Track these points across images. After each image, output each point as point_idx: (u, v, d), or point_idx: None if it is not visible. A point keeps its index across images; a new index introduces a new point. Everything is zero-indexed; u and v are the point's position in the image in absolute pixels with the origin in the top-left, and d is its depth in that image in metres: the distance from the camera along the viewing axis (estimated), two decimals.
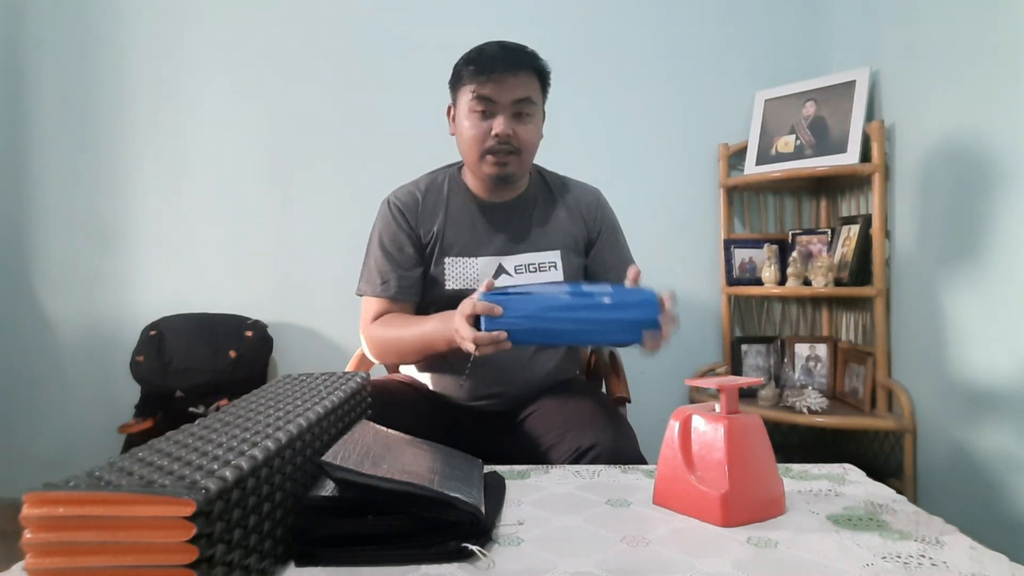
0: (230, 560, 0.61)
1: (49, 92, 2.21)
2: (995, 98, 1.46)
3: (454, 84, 1.31)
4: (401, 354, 1.33)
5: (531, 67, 1.26)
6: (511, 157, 1.26)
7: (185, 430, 0.76)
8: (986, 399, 1.49)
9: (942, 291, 1.63)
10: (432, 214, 1.35)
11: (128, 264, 2.22)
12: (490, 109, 1.24)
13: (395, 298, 1.32)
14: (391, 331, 1.29)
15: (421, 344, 1.24)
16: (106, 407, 2.16)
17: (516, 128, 1.25)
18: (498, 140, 1.24)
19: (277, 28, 2.21)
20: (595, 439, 1.13)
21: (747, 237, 2.17)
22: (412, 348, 1.27)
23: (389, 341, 1.29)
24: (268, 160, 2.22)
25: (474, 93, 1.24)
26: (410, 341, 1.26)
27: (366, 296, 1.35)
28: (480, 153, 1.26)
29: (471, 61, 1.25)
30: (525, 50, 1.28)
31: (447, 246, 1.33)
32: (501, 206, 1.35)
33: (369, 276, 1.35)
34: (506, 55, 1.24)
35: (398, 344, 1.28)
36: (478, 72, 1.23)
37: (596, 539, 0.77)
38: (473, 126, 1.25)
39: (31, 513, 0.57)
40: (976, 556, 0.71)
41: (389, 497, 0.72)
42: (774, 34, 2.19)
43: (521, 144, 1.26)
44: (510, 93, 1.23)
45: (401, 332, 1.28)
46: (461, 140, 1.30)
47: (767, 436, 0.86)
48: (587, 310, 1.00)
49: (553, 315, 1.00)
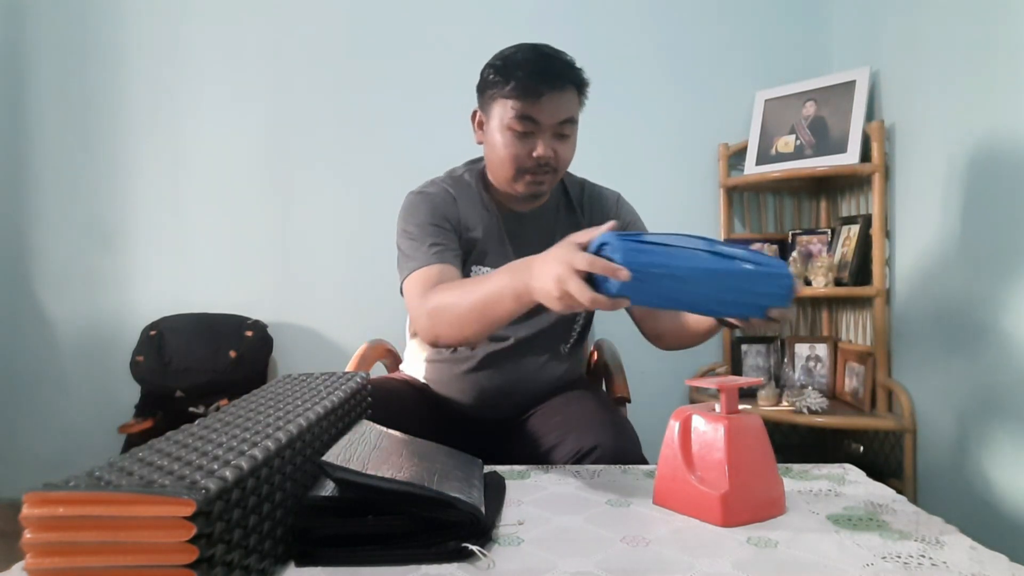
0: (230, 560, 0.61)
1: (49, 93, 2.21)
2: (995, 98, 1.46)
3: (485, 91, 1.21)
4: (455, 324, 1.05)
5: (575, 83, 1.18)
6: (547, 176, 1.20)
7: (185, 430, 0.76)
8: (986, 399, 1.49)
9: (942, 291, 1.63)
10: (466, 217, 1.27)
11: (128, 264, 2.22)
12: (531, 129, 1.16)
13: (446, 262, 1.16)
14: (444, 296, 1.07)
15: (483, 303, 0.99)
16: (106, 407, 2.16)
17: (556, 147, 1.18)
18: (538, 162, 1.17)
19: (276, 28, 2.22)
20: (597, 440, 1.12)
21: (747, 237, 2.17)
22: (472, 310, 1.01)
23: (442, 310, 1.06)
24: (268, 160, 2.22)
25: (516, 112, 1.15)
26: (466, 305, 1.01)
27: (412, 274, 1.16)
28: (516, 173, 1.19)
29: (511, 75, 1.15)
30: (569, 63, 1.19)
31: (471, 252, 1.26)
32: (525, 216, 1.30)
33: (412, 252, 1.19)
34: (551, 72, 1.15)
35: (455, 309, 1.03)
36: (522, 92, 1.14)
37: (596, 539, 0.77)
38: (510, 144, 1.17)
39: (31, 513, 0.57)
40: (976, 556, 0.71)
41: (389, 497, 0.72)
42: (774, 34, 2.19)
43: (560, 164, 1.20)
44: (555, 115, 1.16)
45: (456, 299, 1.04)
46: (493, 154, 1.22)
47: (767, 436, 0.86)
48: (726, 277, 0.84)
49: (690, 280, 0.82)
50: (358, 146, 2.21)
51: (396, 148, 2.19)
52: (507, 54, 1.20)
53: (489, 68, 1.21)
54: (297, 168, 2.22)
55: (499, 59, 1.20)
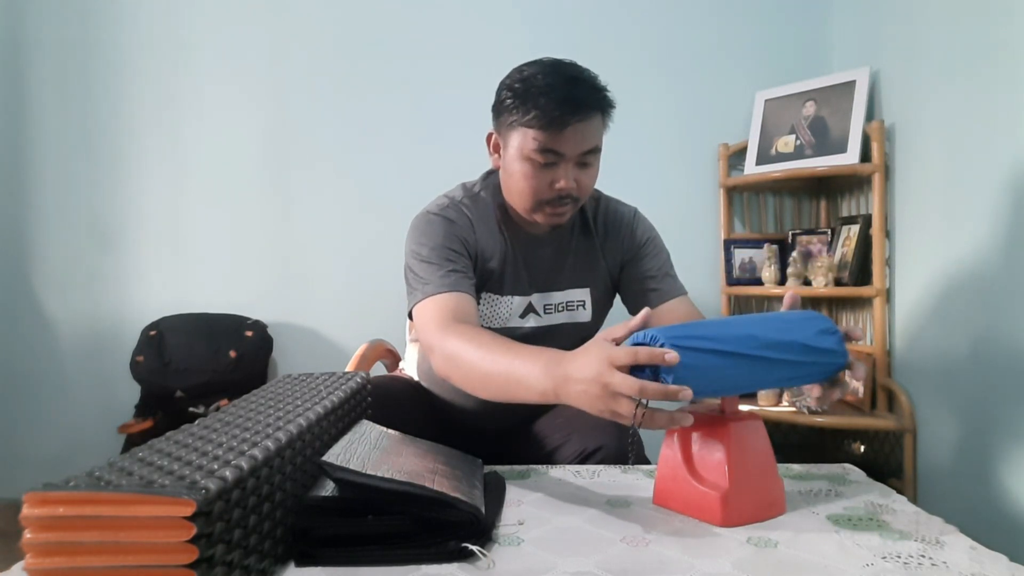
0: (230, 560, 0.61)
1: (49, 92, 2.21)
2: (995, 98, 1.46)
3: (502, 115, 1.11)
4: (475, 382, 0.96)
5: (601, 108, 1.09)
6: (568, 207, 1.11)
7: (185, 430, 0.76)
8: (986, 399, 1.49)
9: (942, 291, 1.62)
10: (484, 244, 1.18)
11: (128, 264, 2.22)
12: (553, 160, 1.07)
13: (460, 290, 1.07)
14: (471, 349, 0.95)
15: (505, 380, 0.90)
16: (106, 407, 2.16)
17: (579, 177, 1.09)
18: (559, 193, 1.09)
19: (277, 28, 2.21)
20: (601, 441, 1.12)
21: (747, 237, 2.17)
22: (491, 380, 0.92)
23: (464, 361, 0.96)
24: (268, 159, 2.22)
25: (538, 145, 1.05)
26: (493, 372, 0.91)
27: (427, 299, 1.07)
28: (536, 204, 1.11)
29: (532, 103, 1.04)
30: (595, 87, 1.09)
31: (484, 279, 1.18)
32: (536, 238, 1.21)
33: (427, 275, 1.09)
34: (575, 101, 1.04)
35: (476, 368, 0.94)
36: (546, 124, 1.04)
37: (596, 539, 0.77)
38: (530, 175, 1.08)
39: (31, 513, 0.57)
40: (976, 556, 0.71)
41: (389, 497, 0.72)
42: (774, 34, 2.19)
43: (582, 192, 1.11)
44: (579, 146, 1.06)
45: (484, 355, 0.93)
46: (511, 182, 1.13)
47: (767, 436, 0.86)
48: (775, 366, 0.81)
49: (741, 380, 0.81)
50: (359, 146, 2.21)
51: (396, 148, 2.19)
52: (527, 75, 1.08)
53: (507, 91, 1.10)
54: (297, 168, 2.22)
55: (518, 81, 1.08)
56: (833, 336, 0.85)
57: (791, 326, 0.84)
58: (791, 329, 0.83)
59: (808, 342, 0.83)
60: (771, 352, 0.80)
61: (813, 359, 0.83)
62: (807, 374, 0.85)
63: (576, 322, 1.23)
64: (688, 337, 0.76)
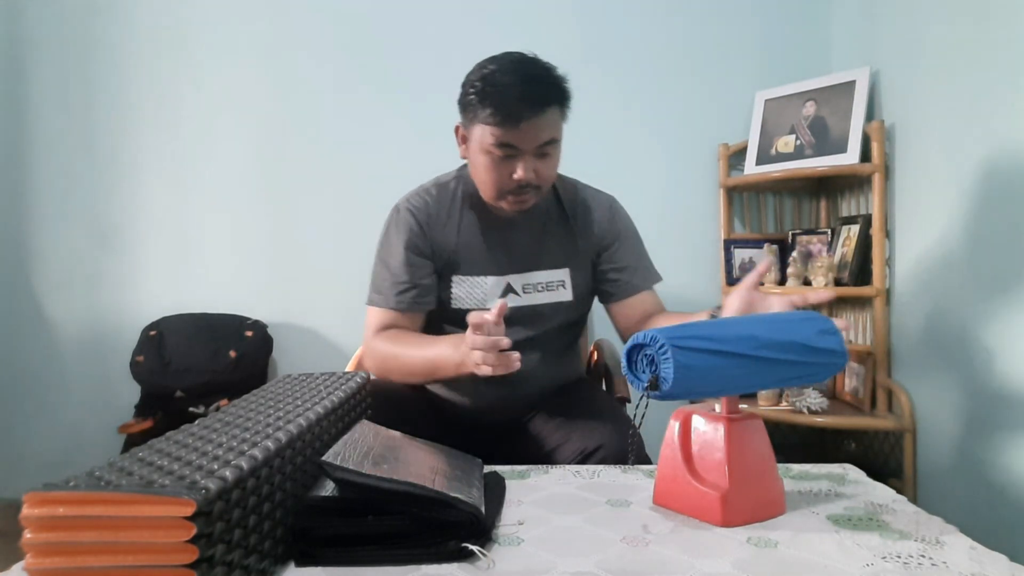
0: (230, 560, 0.61)
1: (49, 92, 2.21)
2: (995, 98, 1.46)
3: (466, 110, 1.18)
4: (403, 373, 1.23)
5: (558, 101, 1.15)
6: (530, 195, 1.18)
7: (185, 430, 0.76)
8: (986, 399, 1.49)
9: (942, 291, 1.62)
10: (445, 226, 1.28)
11: (128, 264, 2.22)
12: (512, 153, 1.14)
13: (406, 310, 1.26)
14: (396, 348, 1.22)
15: (427, 367, 1.17)
16: (106, 407, 2.16)
17: (538, 167, 1.15)
18: (519, 183, 1.15)
19: (277, 28, 2.22)
20: (601, 441, 1.12)
21: (747, 237, 2.17)
22: (417, 369, 1.20)
23: (393, 358, 1.22)
24: (268, 160, 2.22)
25: (495, 139, 1.12)
26: (415, 362, 1.19)
27: (375, 306, 1.28)
28: (499, 193, 1.18)
29: (490, 101, 1.11)
30: (551, 82, 1.14)
31: (456, 263, 1.27)
32: (512, 221, 1.27)
33: (379, 285, 1.28)
34: (531, 97, 1.11)
35: (402, 363, 1.21)
36: (501, 120, 1.11)
37: (596, 539, 0.77)
38: (491, 168, 1.16)
39: (31, 513, 0.57)
40: (976, 556, 0.71)
41: (389, 497, 0.72)
42: (774, 34, 2.19)
43: (542, 181, 1.18)
44: (535, 139, 1.13)
45: (407, 351, 1.21)
46: (475, 173, 1.22)
47: (767, 436, 0.86)
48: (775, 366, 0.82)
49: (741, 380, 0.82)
50: (359, 146, 2.21)
51: (397, 148, 2.19)
52: (486, 73, 1.15)
53: (468, 87, 1.17)
54: (297, 168, 2.22)
55: (478, 79, 1.15)
56: (833, 336, 0.86)
57: (791, 326, 0.85)
58: (791, 329, 0.84)
59: (808, 342, 0.84)
60: (771, 352, 0.81)
61: (813, 359, 0.84)
62: (807, 374, 0.86)
63: (557, 301, 1.30)
64: (688, 337, 0.77)
